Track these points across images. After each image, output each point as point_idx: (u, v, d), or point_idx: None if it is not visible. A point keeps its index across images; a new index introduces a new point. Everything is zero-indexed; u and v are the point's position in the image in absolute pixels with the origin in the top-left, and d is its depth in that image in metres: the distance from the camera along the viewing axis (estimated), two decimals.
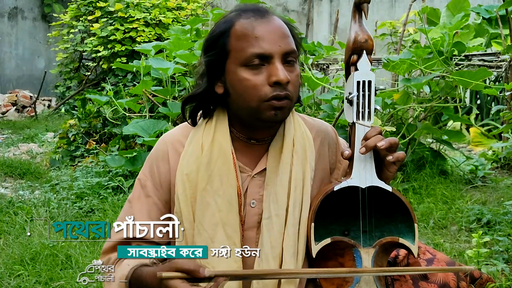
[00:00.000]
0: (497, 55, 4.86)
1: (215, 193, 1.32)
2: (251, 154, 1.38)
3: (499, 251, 2.75)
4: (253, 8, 1.33)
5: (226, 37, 1.30)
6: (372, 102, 1.30)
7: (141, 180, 1.41)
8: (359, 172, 1.28)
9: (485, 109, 6.34)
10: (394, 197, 1.29)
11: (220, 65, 1.31)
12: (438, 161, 4.22)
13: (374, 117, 1.30)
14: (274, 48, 1.27)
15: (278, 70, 1.26)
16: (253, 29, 1.27)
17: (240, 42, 1.28)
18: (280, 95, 1.27)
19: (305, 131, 1.41)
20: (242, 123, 1.36)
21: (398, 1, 10.13)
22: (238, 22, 1.30)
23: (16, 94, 10.05)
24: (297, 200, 1.33)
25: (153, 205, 1.37)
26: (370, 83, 1.30)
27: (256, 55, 1.26)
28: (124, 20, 7.42)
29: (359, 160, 1.28)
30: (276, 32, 1.28)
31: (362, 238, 1.29)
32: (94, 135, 5.18)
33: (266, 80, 1.27)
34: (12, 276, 2.60)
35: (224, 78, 1.32)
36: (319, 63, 5.64)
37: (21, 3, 11.56)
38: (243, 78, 1.28)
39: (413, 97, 4.17)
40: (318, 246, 1.28)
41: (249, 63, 1.27)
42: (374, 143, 1.25)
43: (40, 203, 3.73)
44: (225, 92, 1.33)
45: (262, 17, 1.29)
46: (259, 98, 1.27)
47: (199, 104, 1.38)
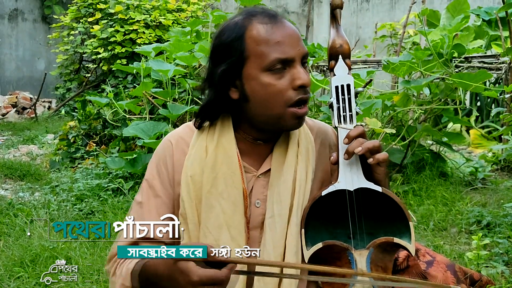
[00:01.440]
0: (497, 57, 4.87)
1: (220, 196, 1.32)
2: (256, 154, 1.39)
3: (499, 253, 2.75)
4: (262, 11, 1.32)
5: (242, 42, 1.29)
6: (352, 105, 1.31)
7: (148, 180, 1.40)
8: (345, 176, 1.29)
9: (485, 111, 6.35)
10: (388, 197, 1.29)
11: (237, 71, 1.31)
12: (438, 163, 4.22)
13: (356, 119, 1.31)
14: (294, 52, 1.28)
15: (301, 74, 1.28)
16: (272, 33, 1.27)
17: (261, 46, 1.27)
18: (303, 97, 1.29)
19: (308, 132, 1.43)
20: (253, 125, 1.36)
21: (398, 3, 10.14)
22: (253, 26, 1.29)
23: (16, 95, 10.06)
24: (300, 200, 1.34)
25: (162, 204, 1.37)
26: (349, 87, 1.31)
27: (280, 60, 1.27)
28: (124, 22, 7.43)
29: (345, 164, 1.30)
30: (294, 36, 1.29)
31: (353, 240, 1.29)
32: (94, 136, 5.18)
33: (290, 84, 1.28)
34: (12, 278, 2.60)
35: (241, 83, 1.31)
36: (319, 65, 5.65)
37: (22, 5, 11.58)
38: (267, 84, 1.28)
39: (413, 99, 4.17)
40: (310, 251, 1.28)
41: (272, 68, 1.27)
42: (354, 148, 1.27)
43: (40, 205, 3.73)
44: (241, 98, 1.33)
45: (276, 21, 1.30)
46: (284, 103, 1.28)
47: (210, 111, 1.37)
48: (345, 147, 1.28)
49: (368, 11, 10.54)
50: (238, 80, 1.31)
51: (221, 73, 1.31)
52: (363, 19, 10.44)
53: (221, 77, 1.31)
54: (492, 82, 5.82)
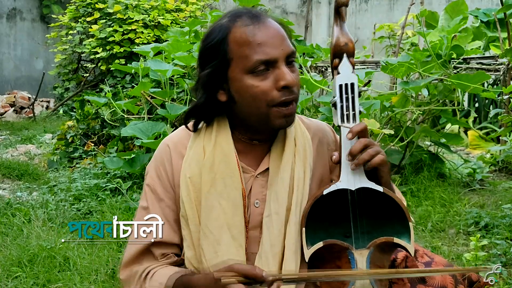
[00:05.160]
0: (495, 59, 4.88)
1: (220, 196, 1.32)
2: (253, 154, 1.39)
3: (497, 254, 2.75)
4: (247, 12, 1.32)
5: (225, 45, 1.29)
6: (356, 104, 1.30)
7: (150, 185, 1.41)
8: (347, 175, 1.29)
9: (483, 112, 6.35)
10: (389, 197, 1.29)
11: (222, 73, 1.31)
12: (436, 164, 4.23)
13: (359, 118, 1.30)
14: (277, 52, 1.27)
15: (285, 74, 1.27)
16: (254, 35, 1.27)
17: (242, 49, 1.27)
18: (288, 99, 1.29)
19: (304, 131, 1.43)
20: (246, 126, 1.37)
21: (396, 4, 10.15)
22: (236, 28, 1.29)
23: (14, 95, 10.04)
24: (299, 198, 1.34)
25: (166, 207, 1.38)
26: (353, 86, 1.30)
27: (262, 61, 1.27)
28: (122, 22, 7.42)
29: (347, 163, 1.29)
30: (277, 36, 1.29)
31: (354, 240, 1.29)
32: (93, 136, 5.18)
33: (274, 85, 1.28)
34: (10, 278, 2.59)
35: (227, 85, 1.32)
36: (318, 66, 5.65)
37: (20, 4, 11.56)
38: (250, 85, 1.28)
39: (412, 100, 4.17)
40: (310, 250, 1.28)
41: (255, 70, 1.27)
42: (357, 151, 1.26)
43: (38, 204, 3.72)
44: (229, 99, 1.33)
45: (259, 22, 1.29)
46: (267, 104, 1.28)
47: (202, 114, 1.38)
48: (348, 146, 1.27)
49: (366, 12, 10.55)
50: (225, 83, 1.32)
51: (208, 75, 1.32)
52: (362, 20, 10.44)
53: (208, 79, 1.32)
54: (490, 83, 5.83)
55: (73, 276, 2.57)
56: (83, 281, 2.53)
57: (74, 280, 2.52)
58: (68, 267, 2.68)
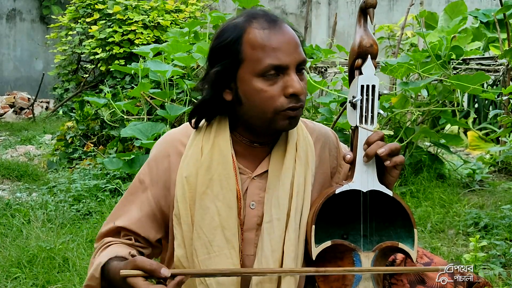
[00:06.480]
0: (494, 59, 4.87)
1: (215, 198, 1.32)
2: (252, 157, 1.38)
3: (497, 255, 2.75)
4: (264, 15, 1.31)
5: (239, 45, 1.28)
6: (375, 106, 1.29)
7: (140, 175, 1.44)
8: (361, 176, 1.28)
9: (483, 113, 6.36)
10: (394, 201, 1.29)
11: (232, 73, 1.30)
12: (435, 165, 4.23)
13: (376, 121, 1.30)
14: (290, 59, 1.27)
15: (295, 82, 1.27)
16: (269, 39, 1.26)
17: (256, 51, 1.27)
18: (295, 106, 1.28)
19: (307, 136, 1.42)
20: (248, 128, 1.36)
21: (396, 4, 10.15)
22: (251, 30, 1.28)
23: (14, 96, 10.03)
24: (298, 204, 1.34)
25: (145, 200, 1.40)
26: (374, 88, 1.30)
27: (274, 66, 1.26)
28: (122, 22, 7.42)
29: (361, 164, 1.28)
30: (291, 43, 1.28)
31: (362, 242, 1.29)
32: (92, 137, 5.18)
33: (282, 91, 1.27)
34: (9, 279, 2.59)
35: (235, 85, 1.31)
36: (317, 66, 5.65)
37: (20, 5, 11.56)
38: (259, 89, 1.27)
39: (411, 101, 4.17)
40: (318, 248, 1.28)
41: (265, 74, 1.27)
42: (375, 151, 1.26)
43: (37, 205, 3.72)
44: (234, 100, 1.32)
45: (275, 26, 1.28)
46: (275, 109, 1.28)
47: (204, 111, 1.37)
48: (362, 147, 1.28)
49: None
50: (233, 83, 1.31)
51: (216, 73, 1.31)
52: None
53: (216, 77, 1.31)
54: (490, 84, 5.83)
55: (72, 277, 2.56)
56: (83, 282, 2.52)
57: (73, 281, 2.52)
58: (67, 268, 2.68)
